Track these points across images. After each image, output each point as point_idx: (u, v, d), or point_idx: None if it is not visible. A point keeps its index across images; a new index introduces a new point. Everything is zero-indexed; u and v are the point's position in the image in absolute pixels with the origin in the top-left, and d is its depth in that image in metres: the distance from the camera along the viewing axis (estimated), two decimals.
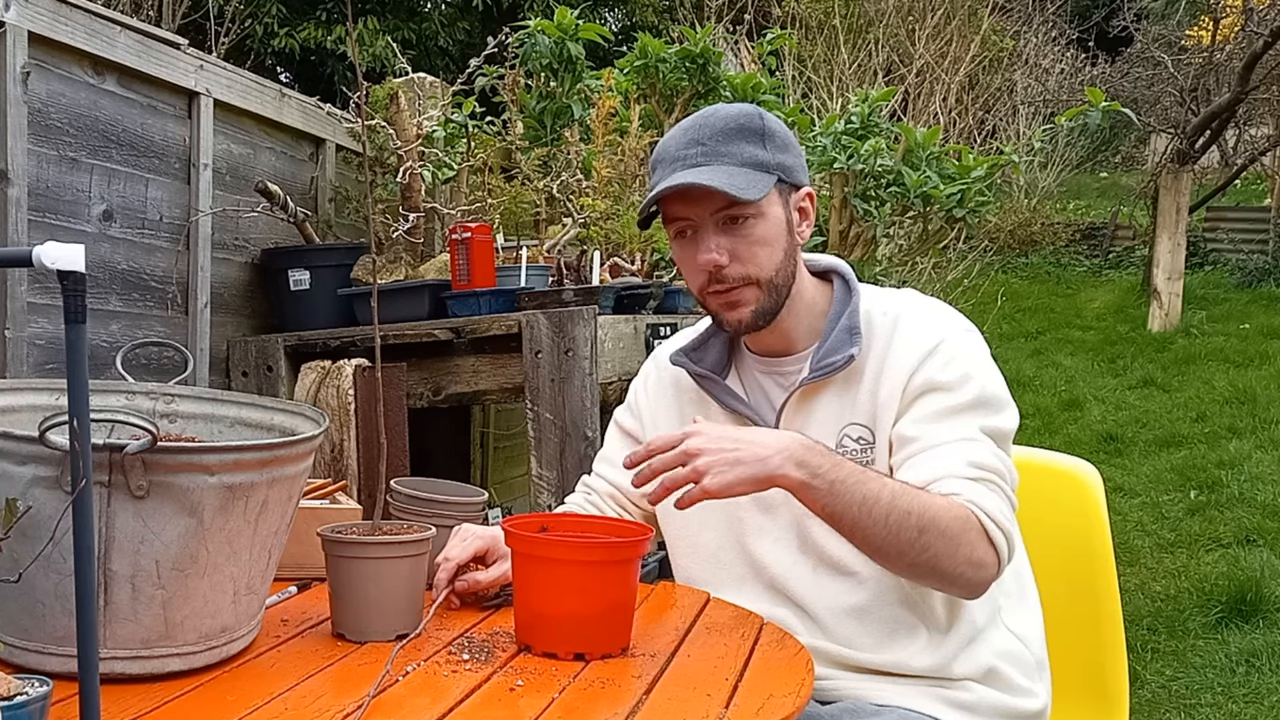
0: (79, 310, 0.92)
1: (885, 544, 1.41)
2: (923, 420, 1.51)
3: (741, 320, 1.57)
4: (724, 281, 1.55)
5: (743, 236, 1.53)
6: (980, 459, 1.47)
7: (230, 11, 8.11)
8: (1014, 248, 13.29)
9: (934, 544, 1.40)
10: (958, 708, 1.53)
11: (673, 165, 1.54)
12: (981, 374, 1.54)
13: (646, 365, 1.81)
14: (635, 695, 1.21)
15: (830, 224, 3.82)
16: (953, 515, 1.41)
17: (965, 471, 1.45)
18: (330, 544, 1.37)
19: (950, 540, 1.40)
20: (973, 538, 1.41)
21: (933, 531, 1.39)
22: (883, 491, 1.40)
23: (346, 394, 2.65)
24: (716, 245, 1.53)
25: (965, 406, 1.50)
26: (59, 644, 1.15)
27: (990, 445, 1.49)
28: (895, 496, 1.40)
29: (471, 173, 3.37)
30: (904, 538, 1.39)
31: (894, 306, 1.60)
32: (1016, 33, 12.35)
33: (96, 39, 2.52)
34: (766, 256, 1.54)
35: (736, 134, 1.54)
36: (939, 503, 1.41)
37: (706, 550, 1.66)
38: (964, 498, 1.43)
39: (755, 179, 1.52)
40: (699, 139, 1.54)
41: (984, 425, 1.50)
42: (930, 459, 1.48)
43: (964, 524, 1.41)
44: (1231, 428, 6.72)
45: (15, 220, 2.33)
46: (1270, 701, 3.36)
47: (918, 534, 1.39)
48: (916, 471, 1.48)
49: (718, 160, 1.52)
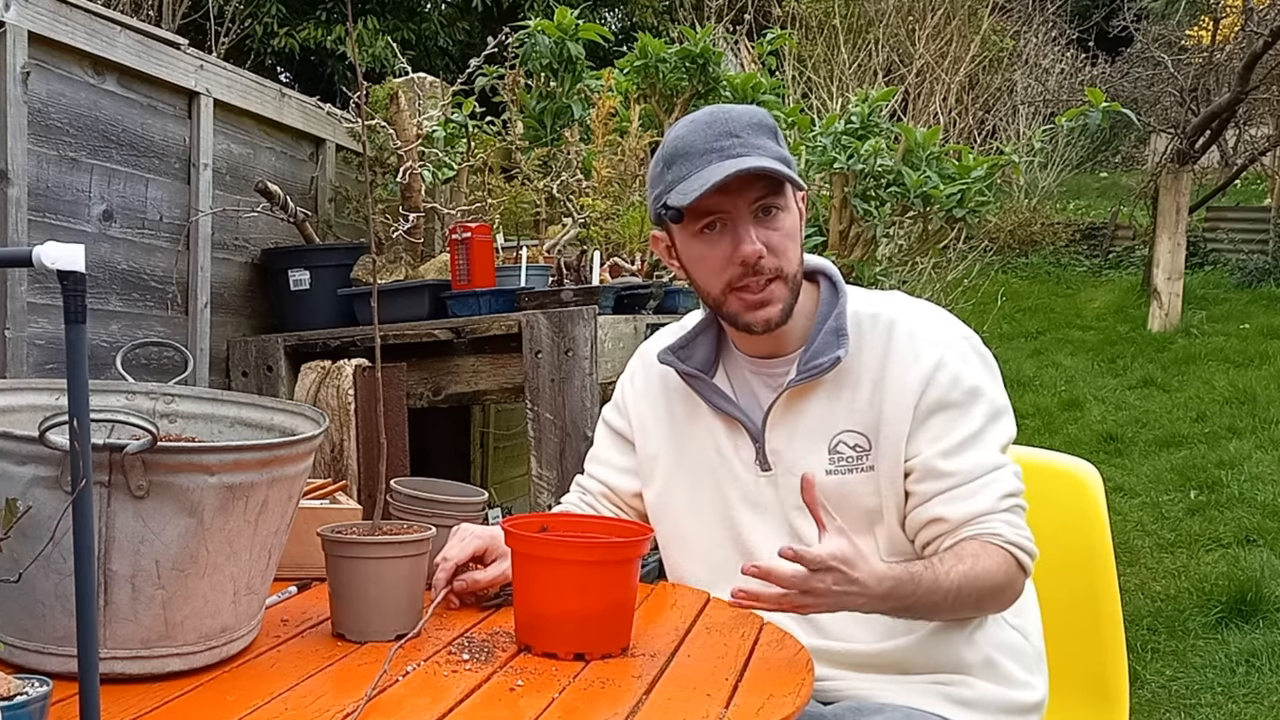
0: (79, 310, 0.92)
1: (949, 618, 1.54)
2: (949, 454, 1.53)
3: (771, 319, 1.56)
4: (760, 274, 1.53)
5: (775, 228, 1.53)
6: (1008, 487, 1.53)
7: (230, 11, 8.11)
8: (1014, 248, 13.29)
9: (985, 604, 1.53)
10: (959, 704, 1.53)
11: (706, 156, 1.51)
12: (986, 385, 1.57)
13: (633, 363, 1.80)
14: (635, 695, 1.21)
15: (830, 224, 3.82)
16: (1001, 571, 1.49)
17: (999, 507, 1.52)
18: (330, 544, 1.37)
19: (999, 592, 1.51)
20: (1013, 579, 1.51)
21: (987, 597, 1.50)
22: (950, 592, 1.46)
23: (346, 394, 2.65)
24: (752, 236, 1.52)
25: (982, 429, 1.54)
26: (59, 644, 1.15)
27: (1010, 466, 1.55)
28: (960, 591, 1.46)
29: (471, 173, 3.37)
30: (965, 611, 1.53)
31: (884, 310, 1.60)
32: (1016, 33, 12.35)
33: (96, 39, 2.52)
34: (794, 250, 1.56)
35: (761, 129, 1.54)
36: (986, 566, 1.48)
37: (700, 549, 1.66)
38: (1003, 539, 1.50)
39: (787, 172, 1.52)
40: (732, 131, 1.51)
41: (1000, 442, 1.56)
42: (969, 495, 1.52)
43: (1008, 574, 1.50)
44: (1231, 428, 6.72)
45: (15, 220, 2.33)
46: (1270, 701, 3.36)
47: (975, 605, 1.52)
48: (955, 507, 1.52)
49: (755, 152, 1.51)
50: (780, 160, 1.52)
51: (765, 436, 1.60)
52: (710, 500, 1.64)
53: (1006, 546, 1.50)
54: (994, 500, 1.52)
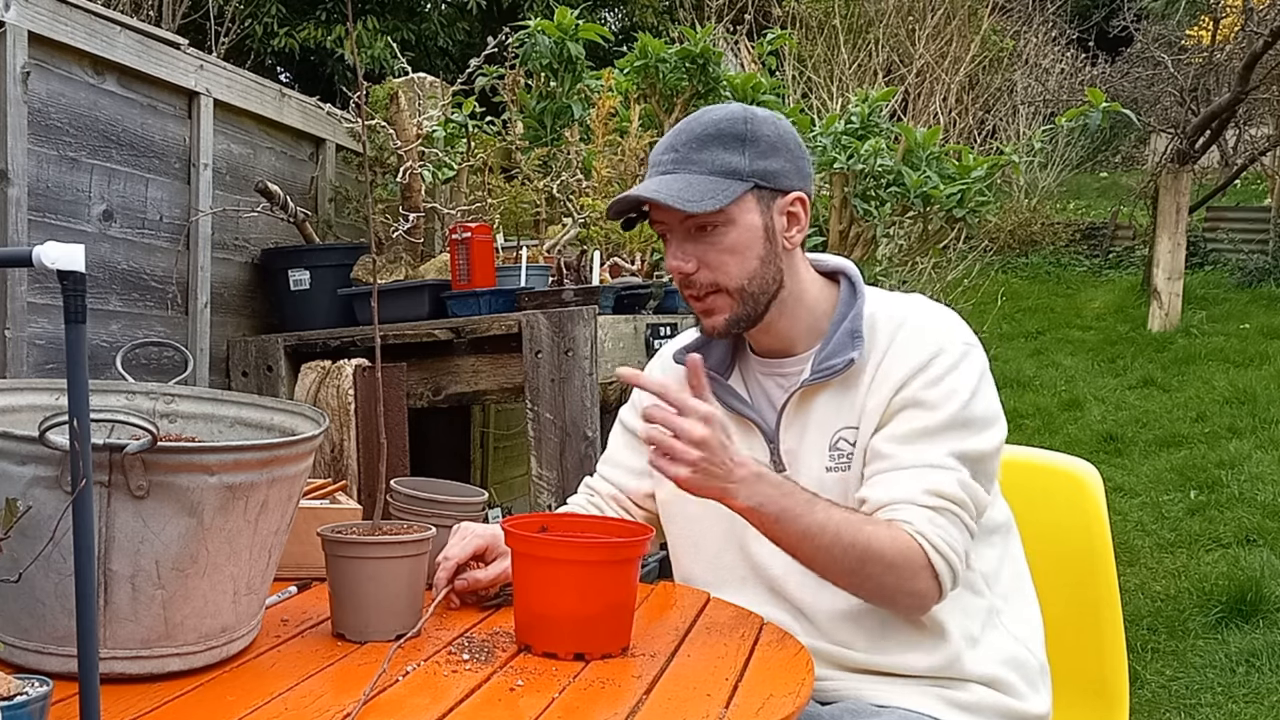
0: (79, 310, 0.92)
1: (825, 570, 1.49)
2: (896, 439, 1.51)
3: (715, 327, 1.58)
4: (692, 288, 1.56)
5: (711, 244, 1.53)
6: (942, 487, 1.47)
7: (230, 11, 8.11)
8: (1014, 248, 13.28)
9: (874, 574, 1.46)
10: (958, 708, 1.53)
11: (652, 170, 1.56)
12: (966, 393, 1.52)
13: (651, 364, 1.81)
14: (635, 695, 1.21)
15: (830, 224, 3.82)
16: (897, 549, 1.44)
17: (923, 499, 1.46)
18: (330, 544, 1.37)
19: (891, 571, 1.45)
20: (915, 570, 1.45)
21: (874, 563, 1.44)
22: (828, 524, 1.44)
23: (346, 394, 2.65)
24: (684, 253, 1.55)
25: (941, 428, 1.50)
26: (59, 644, 1.15)
27: (957, 473, 1.49)
28: (839, 530, 1.44)
29: (471, 173, 3.37)
30: (844, 566, 1.46)
31: (899, 312, 1.59)
32: (1016, 33, 12.35)
33: (96, 39, 2.52)
34: (736, 265, 1.54)
35: (714, 140, 1.53)
36: (883, 535, 1.44)
37: (708, 552, 1.66)
38: (914, 528, 1.45)
39: (718, 187, 1.50)
40: (675, 145, 1.55)
41: (957, 449, 1.49)
42: (892, 481, 1.49)
43: (906, 557, 1.44)
44: (1231, 428, 6.72)
45: (15, 220, 2.33)
46: (1270, 701, 3.36)
47: (859, 564, 1.45)
48: (876, 491, 1.49)
49: (685, 168, 1.52)
50: (722, 174, 1.51)
51: (780, 437, 1.60)
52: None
53: (916, 536, 1.44)
54: (916, 491, 1.46)
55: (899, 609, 1.52)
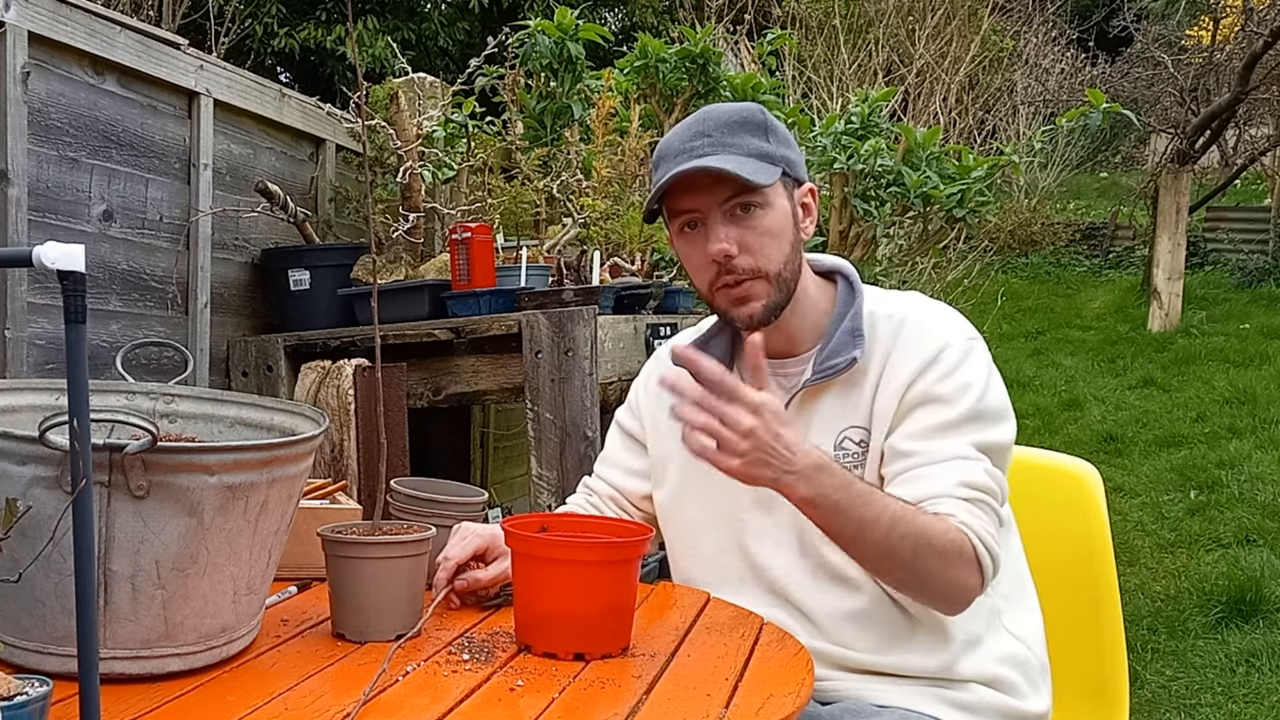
0: (79, 310, 0.92)
1: (879, 562, 1.46)
2: (918, 435, 1.50)
3: (753, 315, 1.55)
4: (733, 273, 1.53)
5: (751, 227, 1.52)
6: (973, 479, 1.47)
7: (230, 11, 8.11)
8: (1014, 248, 13.28)
9: (927, 566, 1.42)
10: (959, 708, 1.53)
11: (678, 158, 1.52)
12: (980, 386, 1.52)
13: (649, 365, 1.81)
14: (635, 695, 1.21)
15: (830, 224, 3.83)
16: (948, 540, 1.42)
17: (959, 492, 1.46)
18: (330, 544, 1.37)
19: (943, 564, 1.42)
20: (963, 561, 1.43)
21: (927, 555, 1.41)
22: (883, 515, 1.40)
23: (346, 394, 2.65)
24: (726, 235, 1.51)
25: (960, 421, 1.49)
26: (59, 644, 1.15)
27: (983, 463, 1.49)
28: (895, 521, 1.40)
29: (471, 173, 3.37)
30: (899, 559, 1.42)
31: (899, 309, 1.59)
32: (1016, 33, 12.35)
33: (96, 39, 2.52)
34: (775, 248, 1.53)
35: (740, 127, 1.53)
36: (936, 527, 1.42)
37: (707, 552, 1.66)
38: (958, 519, 1.44)
39: (763, 168, 1.51)
40: (704, 131, 1.53)
41: (978, 440, 1.50)
42: (925, 476, 1.48)
43: (958, 549, 1.42)
44: (1231, 428, 6.72)
45: (15, 220, 2.33)
46: (1270, 701, 3.36)
47: (912, 556, 1.42)
48: (910, 488, 1.48)
49: (725, 150, 1.51)
50: (759, 156, 1.51)
51: None
52: (721, 503, 1.63)
53: (962, 527, 1.43)
54: (951, 485, 1.46)
55: (944, 602, 1.49)
